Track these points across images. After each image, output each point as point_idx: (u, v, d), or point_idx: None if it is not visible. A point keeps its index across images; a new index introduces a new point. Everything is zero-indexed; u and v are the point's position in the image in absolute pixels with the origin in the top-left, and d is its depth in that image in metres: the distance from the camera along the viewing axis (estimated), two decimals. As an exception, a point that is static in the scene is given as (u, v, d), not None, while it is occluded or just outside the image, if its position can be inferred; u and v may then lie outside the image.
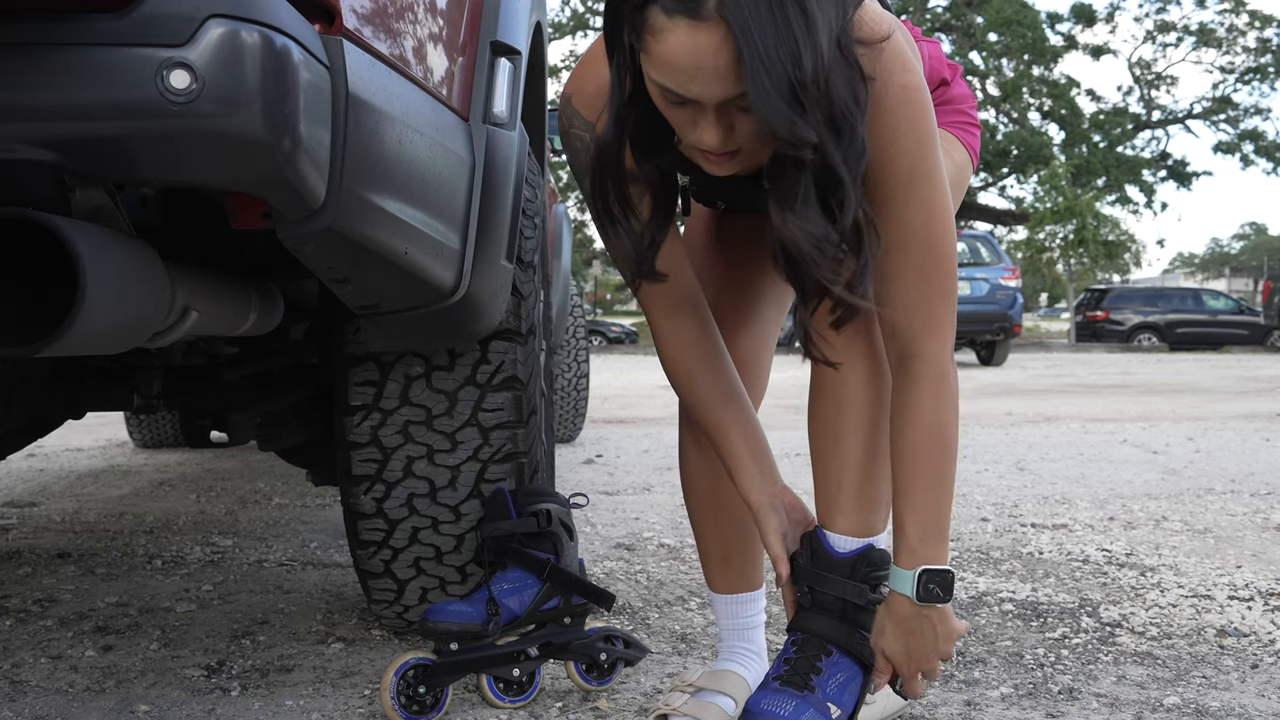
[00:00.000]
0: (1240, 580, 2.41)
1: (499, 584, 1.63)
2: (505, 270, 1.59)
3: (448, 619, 1.57)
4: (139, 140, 0.99)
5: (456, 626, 1.57)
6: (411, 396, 1.71)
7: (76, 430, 5.80)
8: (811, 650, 1.33)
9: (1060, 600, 2.26)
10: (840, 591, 1.33)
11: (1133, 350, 20.04)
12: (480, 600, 1.60)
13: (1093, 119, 27.05)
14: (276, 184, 1.05)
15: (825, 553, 1.34)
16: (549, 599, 1.65)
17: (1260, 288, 32.01)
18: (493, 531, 1.67)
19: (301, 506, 3.43)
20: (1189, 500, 3.53)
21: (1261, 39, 27.15)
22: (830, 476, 1.38)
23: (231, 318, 1.47)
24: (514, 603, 1.62)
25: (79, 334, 1.02)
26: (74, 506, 3.47)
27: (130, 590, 2.36)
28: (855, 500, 1.37)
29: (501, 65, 1.55)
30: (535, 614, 1.64)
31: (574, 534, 1.71)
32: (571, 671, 1.68)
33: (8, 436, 2.31)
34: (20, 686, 1.74)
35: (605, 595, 1.68)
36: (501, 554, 1.66)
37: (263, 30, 0.98)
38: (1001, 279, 13.94)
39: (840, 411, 1.38)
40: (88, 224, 1.08)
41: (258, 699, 1.68)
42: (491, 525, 1.67)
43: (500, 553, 1.66)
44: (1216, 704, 1.65)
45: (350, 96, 1.10)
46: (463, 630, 1.57)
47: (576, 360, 5.02)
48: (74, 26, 0.97)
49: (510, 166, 1.55)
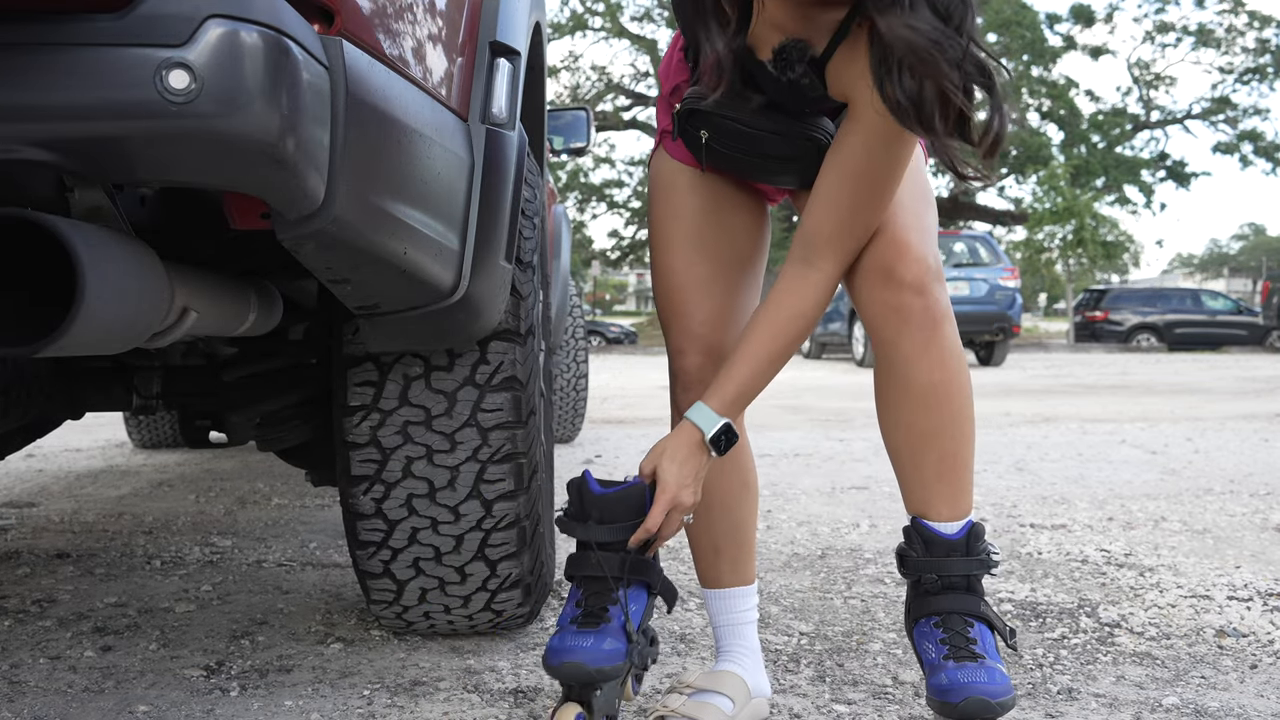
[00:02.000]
0: (1239, 580, 2.41)
1: (630, 606, 1.43)
2: (504, 271, 1.59)
3: (605, 661, 1.36)
4: (138, 140, 0.99)
5: (613, 670, 1.37)
6: (410, 397, 1.71)
7: (75, 431, 5.79)
8: (958, 626, 1.41)
9: (1059, 600, 2.26)
10: (965, 569, 1.43)
11: (1131, 350, 20.05)
12: (617, 630, 1.40)
13: (1092, 119, 27.06)
14: (275, 184, 1.05)
15: (939, 539, 1.44)
16: (652, 611, 1.49)
17: (1259, 288, 32.03)
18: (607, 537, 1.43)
19: (301, 507, 3.43)
20: (1188, 500, 3.53)
21: (1260, 39, 27.15)
22: (927, 470, 1.46)
23: (230, 318, 1.47)
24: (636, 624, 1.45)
25: (78, 334, 1.02)
26: (73, 507, 3.47)
27: (129, 590, 2.36)
28: (954, 489, 1.46)
29: (501, 65, 1.55)
30: (644, 631, 1.46)
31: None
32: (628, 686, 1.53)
33: (7, 437, 2.30)
34: (19, 687, 1.74)
35: (673, 592, 1.53)
36: (638, 570, 1.45)
37: (262, 30, 0.98)
38: (1000, 279, 13.94)
39: (929, 411, 1.45)
40: (87, 224, 1.08)
41: (257, 699, 1.68)
42: (617, 528, 1.43)
43: (637, 569, 1.45)
44: (1215, 704, 1.65)
45: (349, 97, 1.10)
46: (617, 672, 1.38)
47: (575, 360, 5.02)
48: (73, 27, 0.97)
49: (509, 167, 1.56)
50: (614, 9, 26.47)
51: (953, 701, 1.32)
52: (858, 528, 3.09)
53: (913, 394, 1.45)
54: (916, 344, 1.42)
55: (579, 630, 1.40)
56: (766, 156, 1.48)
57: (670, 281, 1.60)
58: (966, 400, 1.46)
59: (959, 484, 1.47)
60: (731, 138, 1.48)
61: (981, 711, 1.30)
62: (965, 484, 1.47)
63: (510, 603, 1.87)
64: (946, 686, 1.33)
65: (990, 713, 1.30)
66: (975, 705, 1.30)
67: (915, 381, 1.44)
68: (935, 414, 1.45)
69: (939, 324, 1.42)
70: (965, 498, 1.47)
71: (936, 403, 1.44)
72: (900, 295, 1.41)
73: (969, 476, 1.48)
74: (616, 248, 31.14)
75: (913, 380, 1.44)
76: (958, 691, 1.32)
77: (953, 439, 1.45)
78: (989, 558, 1.45)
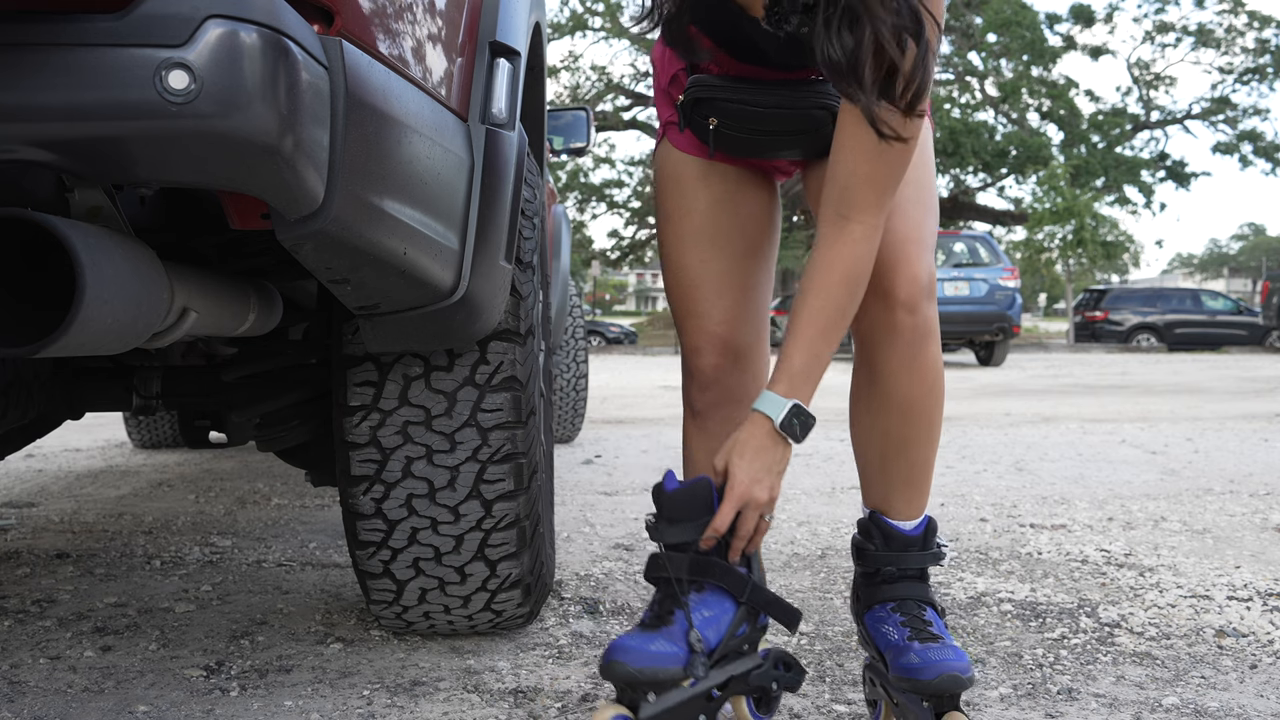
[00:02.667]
0: (1239, 580, 2.41)
1: (698, 611, 1.36)
2: (504, 271, 1.59)
3: (649, 663, 1.28)
4: (137, 141, 0.99)
5: (664, 674, 1.29)
6: (410, 397, 1.71)
7: (75, 431, 5.79)
8: (914, 610, 1.48)
9: (1059, 600, 2.26)
10: (920, 563, 1.51)
11: (1131, 351, 20.04)
12: (678, 634, 1.32)
13: (1091, 119, 27.05)
14: (275, 184, 1.05)
15: (898, 535, 1.51)
16: (741, 624, 1.40)
17: (1259, 288, 32.02)
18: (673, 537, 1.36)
19: (300, 507, 3.43)
20: (1188, 501, 3.53)
21: (1260, 39, 27.14)
22: (895, 475, 1.52)
23: (230, 318, 1.47)
24: (711, 633, 1.36)
25: (78, 335, 1.02)
26: (72, 507, 3.47)
27: (129, 591, 2.36)
28: (917, 491, 1.53)
29: (500, 66, 1.55)
30: (728, 644, 1.38)
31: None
32: (742, 710, 1.44)
33: (7, 437, 2.30)
34: (19, 687, 1.74)
35: (794, 613, 1.43)
36: (702, 571, 1.38)
37: (261, 31, 0.98)
38: (1000, 279, 13.95)
39: (906, 422, 1.49)
40: (86, 224, 1.08)
41: (256, 699, 1.68)
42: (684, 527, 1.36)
43: (700, 570, 1.38)
44: (1215, 704, 1.65)
45: (349, 97, 1.10)
46: (669, 677, 1.30)
47: (575, 361, 5.03)
48: (73, 27, 0.97)
49: (509, 167, 1.56)
50: (614, 9, 26.46)
51: (927, 678, 1.36)
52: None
53: (892, 405, 1.49)
54: (903, 359, 1.46)
55: (638, 631, 1.35)
56: (777, 133, 1.49)
57: (684, 278, 1.59)
58: (939, 412, 1.52)
59: (922, 487, 1.54)
60: (741, 119, 1.48)
61: (953, 686, 1.36)
62: (927, 487, 1.55)
63: (510, 603, 1.87)
64: (919, 665, 1.38)
65: (960, 686, 1.36)
66: (948, 681, 1.35)
67: (896, 394, 1.48)
68: (911, 425, 1.50)
69: (925, 341, 1.46)
70: (924, 498, 1.55)
71: (914, 416, 1.49)
72: (892, 313, 1.44)
73: (930, 479, 1.55)
74: (616, 248, 31.15)
75: (893, 392, 1.48)
76: (931, 669, 1.36)
77: (923, 448, 1.51)
78: (940, 550, 1.53)
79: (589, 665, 1.85)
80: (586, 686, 1.74)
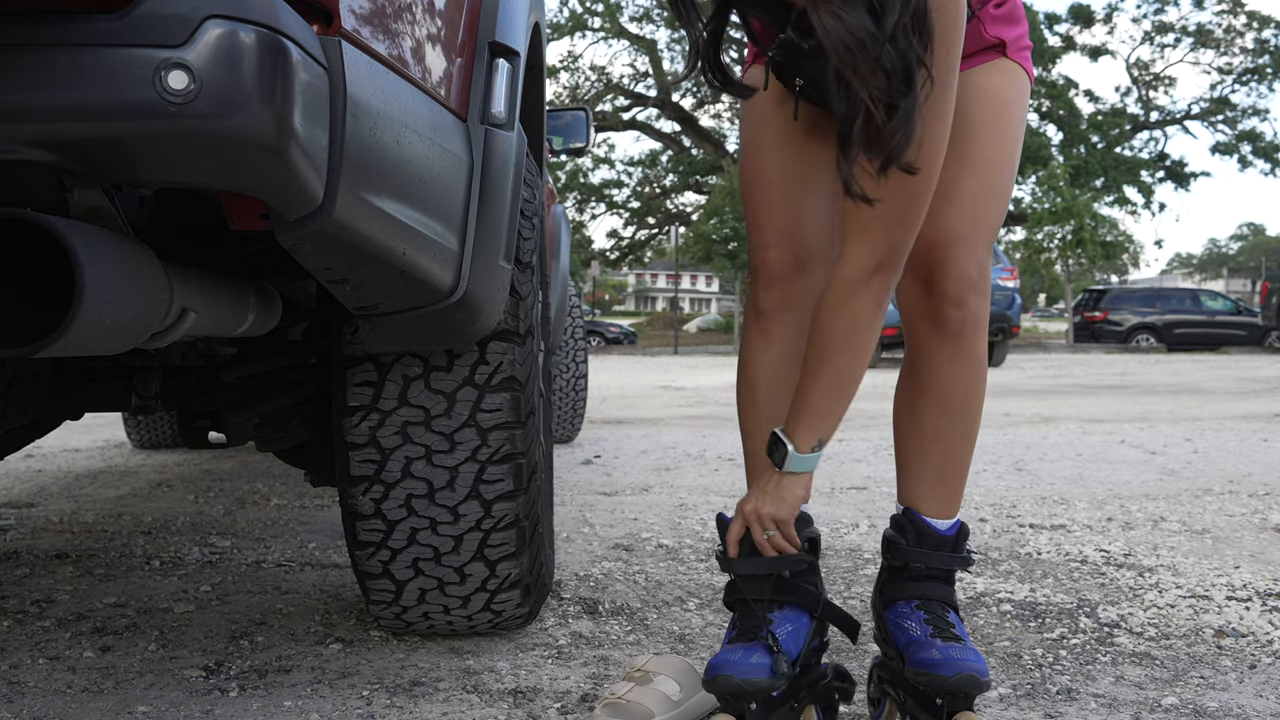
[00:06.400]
0: (1238, 581, 2.41)
1: (781, 626, 1.44)
2: (503, 271, 1.59)
3: (753, 674, 1.37)
4: (137, 141, 0.99)
5: (765, 684, 1.38)
6: (410, 397, 1.71)
7: (74, 431, 5.79)
8: (939, 610, 1.49)
9: (1058, 601, 2.26)
10: (949, 564, 1.52)
11: (1131, 351, 20.05)
12: (762, 647, 1.41)
13: (1091, 120, 27.07)
14: (274, 185, 1.05)
15: (931, 533, 1.52)
16: (815, 637, 1.49)
17: (1258, 288, 32.03)
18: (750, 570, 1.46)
19: (300, 507, 3.43)
20: (1187, 501, 3.53)
21: (1259, 40, 27.16)
22: (929, 468, 1.53)
23: (229, 318, 1.47)
24: (792, 646, 1.45)
25: (78, 335, 1.02)
26: (72, 507, 3.47)
27: (128, 591, 2.36)
28: (951, 490, 1.53)
29: (500, 66, 1.55)
30: (806, 656, 1.47)
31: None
32: (812, 718, 1.51)
33: (6, 437, 2.30)
34: (18, 687, 1.74)
35: (855, 624, 1.54)
36: (783, 592, 1.48)
37: (261, 31, 0.98)
38: (1000, 279, 13.94)
39: (943, 414, 1.51)
40: (86, 225, 1.08)
41: (256, 700, 1.68)
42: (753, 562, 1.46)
43: (782, 590, 1.48)
44: (1214, 704, 1.65)
45: (348, 97, 1.10)
46: (769, 686, 1.39)
47: (575, 361, 5.03)
48: (73, 27, 0.97)
49: (508, 167, 1.56)
50: (613, 9, 26.47)
51: (946, 674, 1.37)
52: (857, 528, 3.09)
53: (931, 395, 1.51)
54: (945, 352, 1.49)
55: (732, 645, 1.45)
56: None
57: (761, 178, 1.56)
58: (978, 411, 1.53)
59: (955, 486, 1.54)
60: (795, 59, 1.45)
61: (970, 686, 1.37)
62: (960, 487, 1.56)
63: (509, 603, 1.87)
64: (940, 660, 1.38)
65: (977, 688, 1.37)
66: (966, 680, 1.37)
67: (936, 385, 1.51)
68: (948, 418, 1.52)
69: (970, 336, 1.48)
70: (958, 499, 1.56)
71: (952, 409, 1.52)
72: (939, 306, 1.47)
73: (964, 481, 1.57)
74: (616, 248, 31.14)
75: (934, 383, 1.51)
76: (951, 665, 1.37)
77: (958, 446, 1.53)
78: (970, 556, 1.55)
79: (588, 665, 1.85)
80: (586, 687, 1.74)
